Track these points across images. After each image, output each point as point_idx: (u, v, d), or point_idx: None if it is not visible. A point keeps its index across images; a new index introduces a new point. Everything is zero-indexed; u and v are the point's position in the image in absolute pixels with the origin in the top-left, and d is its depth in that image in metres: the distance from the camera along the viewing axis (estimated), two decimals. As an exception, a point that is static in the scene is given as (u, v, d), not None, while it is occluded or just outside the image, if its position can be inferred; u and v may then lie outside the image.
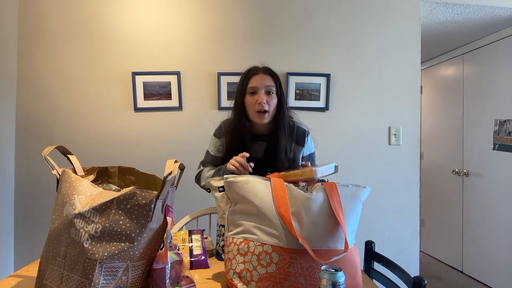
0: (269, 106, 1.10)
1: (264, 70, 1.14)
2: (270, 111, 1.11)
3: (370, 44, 2.00)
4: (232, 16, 1.91)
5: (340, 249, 0.77)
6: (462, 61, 2.89)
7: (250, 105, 1.12)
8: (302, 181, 0.87)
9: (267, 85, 1.11)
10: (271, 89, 1.12)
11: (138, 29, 1.85)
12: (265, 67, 1.16)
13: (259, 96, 1.10)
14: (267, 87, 1.11)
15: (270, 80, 1.12)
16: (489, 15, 2.23)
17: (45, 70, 1.81)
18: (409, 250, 2.03)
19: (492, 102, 2.57)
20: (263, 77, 1.12)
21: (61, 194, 0.71)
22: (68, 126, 1.82)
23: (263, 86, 1.10)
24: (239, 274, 0.77)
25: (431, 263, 3.11)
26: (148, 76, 1.84)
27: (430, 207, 3.30)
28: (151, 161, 1.85)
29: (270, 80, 1.13)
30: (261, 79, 1.12)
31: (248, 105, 1.13)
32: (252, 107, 1.11)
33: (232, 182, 0.84)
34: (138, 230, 0.66)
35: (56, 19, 1.81)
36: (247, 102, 1.13)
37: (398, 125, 2.02)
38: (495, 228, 2.52)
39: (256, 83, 1.11)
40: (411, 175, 2.03)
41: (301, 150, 1.20)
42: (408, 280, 0.85)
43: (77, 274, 0.63)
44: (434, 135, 3.24)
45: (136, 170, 0.85)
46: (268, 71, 1.15)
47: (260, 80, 1.11)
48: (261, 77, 1.12)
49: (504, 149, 2.44)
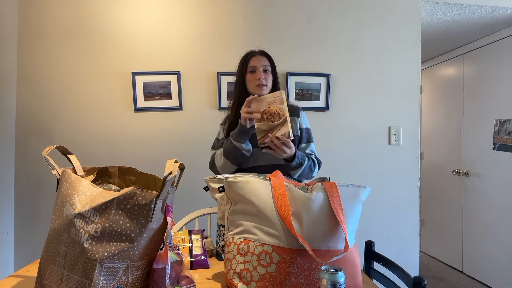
0: (266, 81, 1.25)
1: (261, 52, 1.30)
2: (268, 85, 1.27)
3: (370, 44, 2.00)
4: (232, 16, 1.91)
5: (340, 249, 0.77)
6: (462, 61, 2.89)
7: (250, 82, 1.26)
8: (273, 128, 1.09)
9: (264, 64, 1.26)
10: (268, 68, 1.27)
11: (138, 29, 1.85)
12: (261, 50, 1.31)
13: (258, 73, 1.25)
14: (264, 66, 1.26)
15: (266, 61, 1.28)
16: (489, 15, 2.23)
17: (45, 70, 1.81)
18: (409, 250, 2.03)
19: (492, 102, 2.57)
20: (260, 58, 1.28)
21: (61, 194, 0.71)
22: (68, 126, 1.82)
23: (261, 65, 1.26)
24: (239, 274, 0.77)
25: (431, 263, 3.10)
26: (148, 76, 1.84)
27: (430, 207, 3.30)
28: (151, 161, 1.85)
29: (266, 61, 1.28)
30: (258, 59, 1.27)
31: (248, 82, 1.27)
32: (252, 83, 1.26)
33: (232, 182, 0.84)
34: (138, 230, 0.65)
35: (56, 19, 1.81)
36: (247, 80, 1.27)
37: (398, 125, 2.02)
38: (495, 228, 2.52)
39: (255, 62, 1.26)
40: (411, 175, 2.03)
41: (297, 121, 1.32)
42: (408, 280, 0.85)
43: (77, 274, 0.63)
44: (434, 135, 3.24)
45: (136, 170, 0.85)
46: (264, 53, 1.30)
47: (258, 60, 1.27)
48: (258, 58, 1.27)
49: (504, 149, 2.44)
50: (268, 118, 1.09)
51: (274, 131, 1.08)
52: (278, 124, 1.07)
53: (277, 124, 1.07)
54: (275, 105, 1.09)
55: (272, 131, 1.08)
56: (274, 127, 1.08)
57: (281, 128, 1.07)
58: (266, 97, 1.11)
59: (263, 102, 1.11)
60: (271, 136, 1.08)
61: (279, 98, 1.08)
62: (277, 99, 1.09)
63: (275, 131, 1.08)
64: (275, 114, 1.08)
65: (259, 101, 1.12)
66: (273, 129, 1.08)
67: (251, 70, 1.26)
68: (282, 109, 1.07)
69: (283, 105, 1.08)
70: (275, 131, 1.08)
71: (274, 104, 1.09)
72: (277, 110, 1.08)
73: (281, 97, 1.08)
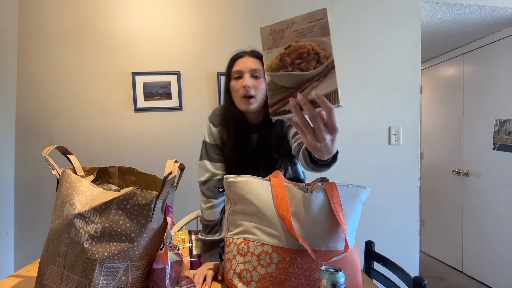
0: (255, 91, 0.97)
1: (251, 53, 1.02)
2: (258, 96, 0.97)
3: (370, 44, 2.00)
4: (232, 16, 1.91)
5: (340, 249, 0.77)
6: (462, 61, 2.89)
7: (235, 91, 1.00)
8: None
9: (253, 68, 0.97)
10: (259, 72, 0.98)
11: (138, 29, 1.85)
12: (252, 50, 1.03)
13: (244, 79, 0.97)
14: (253, 71, 0.97)
15: (257, 64, 0.99)
16: (489, 15, 2.23)
17: (45, 70, 1.81)
18: (409, 250, 2.03)
19: (492, 102, 2.57)
20: (249, 59, 0.99)
21: (61, 194, 0.71)
22: (68, 126, 1.82)
23: (248, 70, 0.98)
24: (239, 275, 0.77)
25: (431, 263, 3.10)
26: (148, 76, 1.84)
27: (430, 207, 3.30)
28: (151, 161, 1.85)
29: (257, 64, 0.99)
30: (246, 61, 0.99)
31: (233, 91, 1.00)
32: (237, 92, 0.99)
33: (232, 182, 0.84)
34: (138, 230, 0.65)
35: (56, 19, 1.81)
36: (232, 88, 1.01)
37: (398, 125, 2.02)
38: (495, 228, 2.52)
39: (241, 66, 0.99)
40: (411, 175, 2.03)
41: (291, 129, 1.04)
42: (408, 280, 0.85)
43: (77, 274, 0.63)
44: (434, 135, 3.24)
45: (136, 170, 0.85)
46: (255, 53, 1.02)
47: (246, 63, 0.99)
48: (246, 60, 0.99)
49: (504, 149, 2.44)
50: (295, 64, 0.56)
51: (305, 90, 0.56)
52: (315, 76, 0.55)
53: (313, 76, 0.55)
54: (309, 37, 0.55)
55: (300, 89, 0.56)
56: (305, 82, 0.55)
57: (320, 85, 0.55)
58: (293, 20, 0.56)
59: (286, 31, 0.56)
60: (303, 96, 0.55)
61: (320, 23, 0.54)
62: (315, 25, 0.54)
63: (306, 89, 0.55)
64: (311, 54, 0.55)
65: (280, 30, 0.57)
66: (301, 86, 0.56)
67: (237, 76, 1.00)
68: (325, 46, 0.54)
69: (326, 38, 0.54)
70: (306, 90, 0.55)
71: (308, 35, 0.55)
72: (315, 47, 0.55)
73: (324, 20, 0.54)
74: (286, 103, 0.57)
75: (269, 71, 0.57)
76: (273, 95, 0.57)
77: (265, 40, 0.58)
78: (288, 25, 0.57)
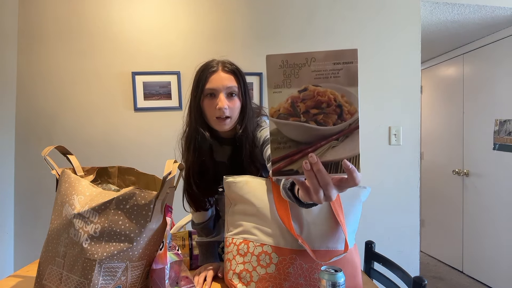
0: (231, 112, 0.90)
1: (225, 69, 0.92)
2: (233, 116, 0.91)
3: (370, 44, 2.00)
4: (232, 16, 1.91)
5: (340, 249, 0.77)
6: (462, 61, 2.89)
7: (208, 110, 0.91)
8: None
9: (228, 86, 0.89)
10: (234, 90, 0.90)
11: (138, 29, 1.85)
12: (224, 64, 0.93)
13: (219, 99, 0.88)
14: (228, 89, 0.89)
15: (232, 80, 0.91)
16: (489, 15, 2.23)
17: (45, 70, 1.80)
18: (409, 250, 2.03)
19: (492, 102, 2.57)
20: (224, 76, 0.90)
21: (60, 194, 0.71)
22: (68, 126, 1.82)
23: (223, 88, 0.89)
24: (238, 275, 0.77)
25: (431, 263, 3.10)
26: (148, 76, 1.84)
27: (430, 207, 3.30)
28: (151, 161, 1.85)
29: (232, 80, 0.91)
30: (221, 79, 0.90)
31: (206, 110, 0.92)
32: (211, 112, 0.91)
33: (232, 183, 0.84)
34: (138, 231, 0.65)
35: (56, 19, 1.81)
36: (205, 106, 0.92)
37: (398, 125, 2.02)
38: (495, 228, 2.52)
39: (215, 83, 0.89)
40: (411, 175, 2.03)
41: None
42: (408, 280, 0.85)
43: (76, 274, 0.63)
44: (434, 135, 3.24)
45: (136, 170, 0.85)
46: (229, 68, 0.92)
47: (220, 80, 0.89)
48: (220, 77, 0.90)
49: (504, 149, 2.44)
50: (310, 114, 0.45)
51: (319, 148, 0.45)
52: (335, 133, 0.45)
53: (332, 133, 0.45)
54: (332, 83, 0.44)
55: (314, 146, 0.45)
56: (321, 140, 0.45)
57: (339, 145, 0.45)
58: (314, 55, 0.44)
59: (302, 68, 0.44)
60: (318, 159, 0.44)
61: (348, 67, 0.44)
62: (341, 68, 0.44)
63: (321, 148, 0.45)
64: (332, 106, 0.45)
65: (294, 65, 0.44)
66: (316, 144, 0.45)
67: (210, 93, 0.90)
68: (350, 99, 0.44)
69: (353, 90, 0.44)
70: (321, 149, 0.45)
71: (331, 80, 0.44)
72: (338, 97, 0.45)
73: (354, 65, 0.44)
74: (294, 161, 0.45)
75: (275, 116, 0.45)
76: (277, 148, 0.46)
77: (272, 74, 0.45)
78: (307, 61, 0.44)
